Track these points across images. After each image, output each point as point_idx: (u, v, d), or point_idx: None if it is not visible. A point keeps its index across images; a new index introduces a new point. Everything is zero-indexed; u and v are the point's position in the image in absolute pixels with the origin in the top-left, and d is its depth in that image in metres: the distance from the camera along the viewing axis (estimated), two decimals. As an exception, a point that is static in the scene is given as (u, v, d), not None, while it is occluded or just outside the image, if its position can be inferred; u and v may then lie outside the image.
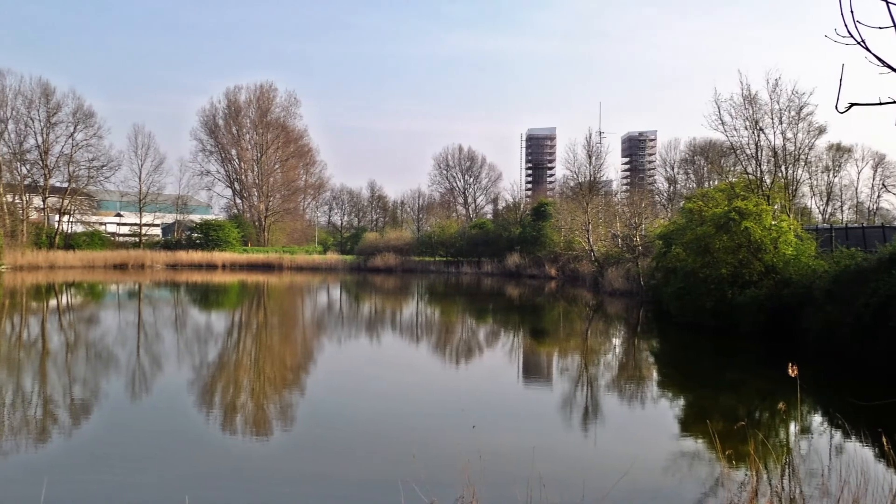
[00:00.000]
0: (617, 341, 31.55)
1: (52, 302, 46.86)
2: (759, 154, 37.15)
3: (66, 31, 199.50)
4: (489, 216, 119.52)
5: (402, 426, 14.97)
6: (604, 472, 11.84)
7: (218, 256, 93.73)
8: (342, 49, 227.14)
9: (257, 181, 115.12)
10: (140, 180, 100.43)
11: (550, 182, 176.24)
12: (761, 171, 37.22)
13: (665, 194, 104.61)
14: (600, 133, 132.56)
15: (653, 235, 49.44)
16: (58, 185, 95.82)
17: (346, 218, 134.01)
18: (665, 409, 18.00)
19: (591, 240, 61.57)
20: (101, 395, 18.09)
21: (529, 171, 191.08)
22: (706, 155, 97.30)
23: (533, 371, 23.94)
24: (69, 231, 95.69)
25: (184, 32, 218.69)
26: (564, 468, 12.10)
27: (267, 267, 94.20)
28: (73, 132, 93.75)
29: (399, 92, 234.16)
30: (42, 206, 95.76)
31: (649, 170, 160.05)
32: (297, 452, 13.14)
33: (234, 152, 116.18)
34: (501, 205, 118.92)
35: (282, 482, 11.35)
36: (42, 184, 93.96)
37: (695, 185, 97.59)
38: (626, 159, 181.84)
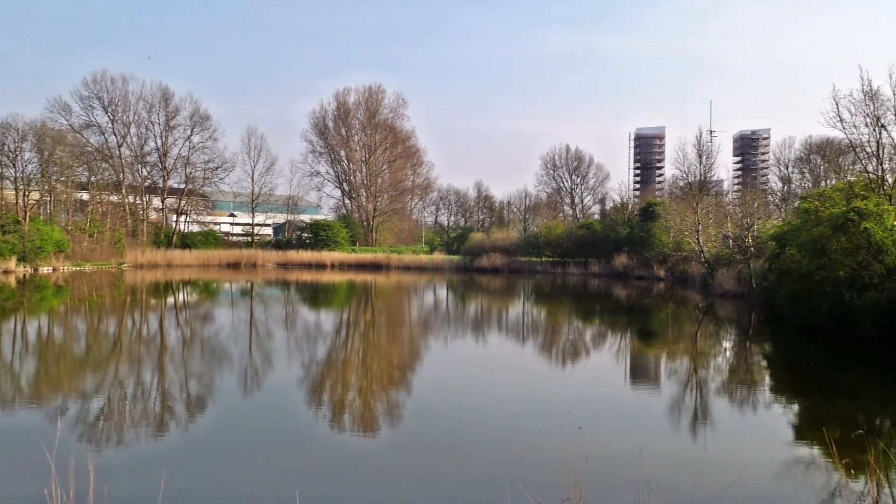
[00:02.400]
0: (727, 344, 30.80)
1: (170, 299, 48.56)
2: (880, 152, 35.62)
3: (183, 37, 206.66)
4: (596, 216, 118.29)
5: (508, 427, 14.94)
6: (714, 477, 11.57)
7: (327, 256, 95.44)
8: (449, 50, 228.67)
9: (366, 182, 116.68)
10: (252, 181, 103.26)
11: (659, 182, 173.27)
12: (883, 170, 35.69)
13: (778, 194, 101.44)
14: (711, 132, 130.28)
15: (765, 236, 48.06)
16: (175, 186, 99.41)
17: (452, 218, 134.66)
18: (778, 415, 17.47)
19: (700, 240, 60.30)
20: (216, 390, 18.67)
21: (638, 171, 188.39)
22: (823, 153, 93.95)
23: (640, 373, 23.60)
24: (186, 230, 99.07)
25: (293, 35, 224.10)
26: (673, 472, 11.88)
27: (374, 266, 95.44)
28: (190, 135, 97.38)
29: (506, 92, 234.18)
30: (161, 207, 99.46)
31: (762, 169, 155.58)
32: (404, 451, 13.26)
33: (343, 153, 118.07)
34: (609, 205, 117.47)
35: (389, 480, 11.47)
36: (161, 185, 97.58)
37: (810, 185, 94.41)
38: (738, 158, 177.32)
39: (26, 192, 75.33)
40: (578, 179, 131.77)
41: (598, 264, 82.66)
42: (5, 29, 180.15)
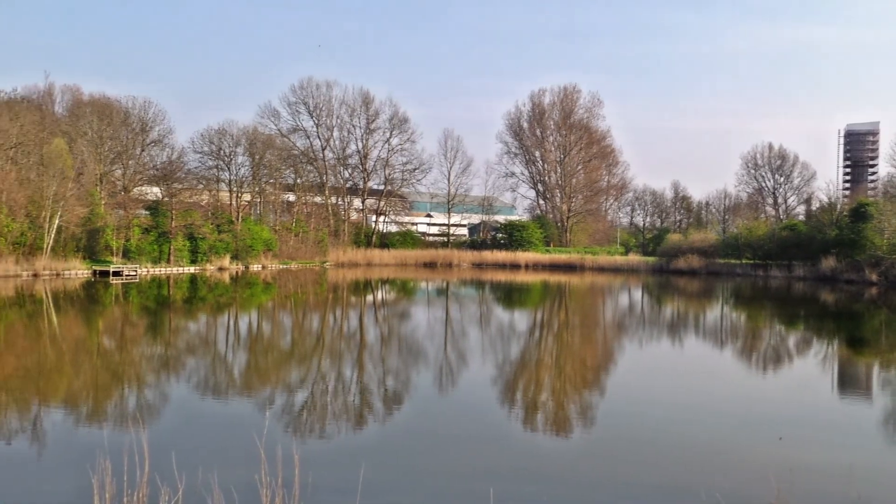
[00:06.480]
0: (949, 355, 28.64)
1: (369, 297, 50.29)
2: None
3: (382, 42, 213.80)
4: (801, 217, 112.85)
5: (705, 434, 14.55)
6: (932, 497, 10.82)
7: (521, 256, 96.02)
8: (648, 48, 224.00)
9: (560, 182, 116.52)
10: (449, 182, 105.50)
11: (872, 181, 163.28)
12: None
13: None
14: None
15: None
16: (375, 187, 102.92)
17: (648, 219, 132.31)
18: None
19: (919, 243, 56.38)
20: (412, 386, 19.19)
21: (847, 170, 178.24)
22: None
23: (849, 383, 22.35)
24: (384, 230, 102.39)
25: (486, 39, 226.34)
26: (887, 490, 11.20)
27: (568, 267, 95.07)
28: (390, 137, 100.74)
29: (704, 89, 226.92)
30: (361, 208, 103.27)
31: None
32: (598, 454, 13.19)
33: (537, 154, 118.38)
34: (815, 205, 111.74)
35: (582, 483, 11.44)
36: (361, 186, 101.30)
37: None
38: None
39: (239, 194, 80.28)
40: (782, 179, 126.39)
41: (803, 267, 78.83)
42: (221, 43, 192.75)
